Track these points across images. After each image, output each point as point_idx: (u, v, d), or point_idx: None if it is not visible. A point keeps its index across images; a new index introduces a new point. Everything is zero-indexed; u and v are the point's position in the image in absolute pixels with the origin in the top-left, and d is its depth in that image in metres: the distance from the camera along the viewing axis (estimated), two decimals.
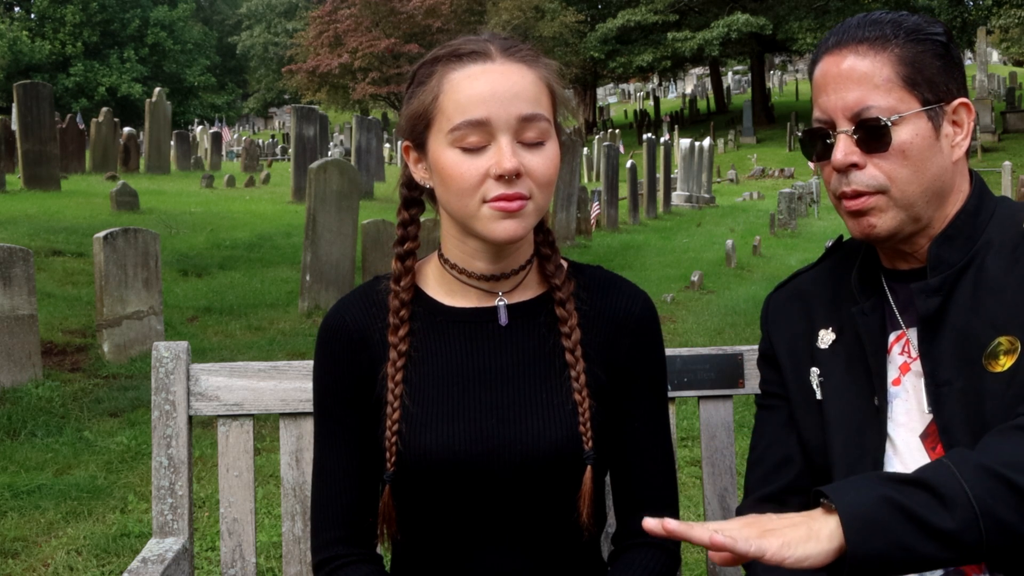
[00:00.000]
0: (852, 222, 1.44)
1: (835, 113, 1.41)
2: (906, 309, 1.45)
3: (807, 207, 20.41)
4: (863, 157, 1.40)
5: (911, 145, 1.38)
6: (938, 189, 1.41)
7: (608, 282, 1.54)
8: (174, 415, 1.78)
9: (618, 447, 1.51)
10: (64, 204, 13.15)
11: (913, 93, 1.39)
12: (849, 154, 1.39)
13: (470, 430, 1.42)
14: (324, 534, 1.49)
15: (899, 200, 1.40)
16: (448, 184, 1.39)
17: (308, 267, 8.25)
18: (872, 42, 1.40)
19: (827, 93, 1.42)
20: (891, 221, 1.40)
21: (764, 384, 1.62)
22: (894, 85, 1.39)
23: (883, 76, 1.39)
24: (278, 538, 3.65)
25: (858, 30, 1.42)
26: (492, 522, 1.44)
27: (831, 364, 1.49)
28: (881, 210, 1.40)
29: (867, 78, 1.39)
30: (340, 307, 1.52)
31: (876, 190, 1.40)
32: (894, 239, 1.43)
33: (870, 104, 1.38)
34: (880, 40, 1.40)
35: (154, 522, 1.77)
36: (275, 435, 4.72)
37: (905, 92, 1.39)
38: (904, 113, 1.38)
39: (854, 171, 1.40)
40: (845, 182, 1.41)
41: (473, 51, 1.39)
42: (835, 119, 1.41)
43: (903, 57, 1.39)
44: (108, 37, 58.69)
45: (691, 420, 4.75)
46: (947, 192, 1.43)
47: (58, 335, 6.88)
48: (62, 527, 4.00)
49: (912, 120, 1.39)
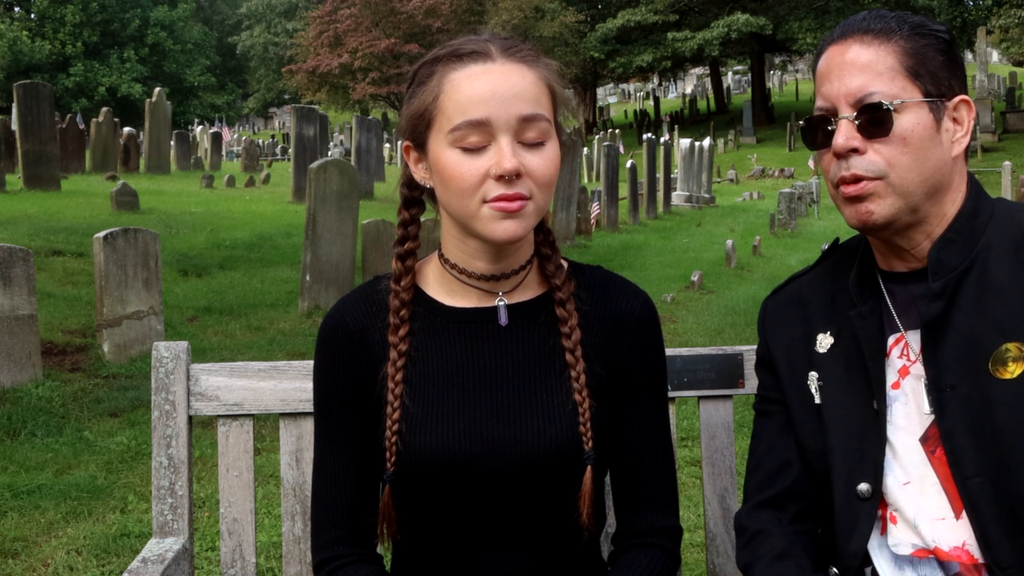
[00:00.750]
0: (849, 209, 1.43)
1: (837, 99, 1.41)
2: (905, 311, 1.45)
3: (807, 207, 20.42)
4: (864, 142, 1.39)
5: (912, 133, 1.38)
6: (936, 182, 1.41)
7: (608, 282, 1.54)
8: (174, 415, 1.78)
9: (618, 447, 1.51)
10: (64, 204, 13.14)
11: (916, 84, 1.39)
12: (850, 139, 1.39)
13: (470, 430, 1.42)
14: (324, 534, 1.49)
15: (898, 187, 1.39)
16: (448, 184, 1.39)
17: (308, 267, 8.25)
18: (877, 33, 1.41)
19: (830, 81, 1.43)
20: (889, 208, 1.40)
21: (762, 389, 1.62)
22: (897, 74, 1.39)
23: (887, 64, 1.40)
24: (278, 538, 3.65)
25: (864, 22, 1.44)
26: (492, 522, 1.44)
27: (829, 368, 1.49)
28: (879, 196, 1.40)
29: (870, 66, 1.40)
30: (340, 307, 1.52)
31: (875, 176, 1.39)
32: (890, 229, 1.42)
33: (873, 90, 1.39)
34: (885, 31, 1.41)
35: (154, 522, 1.77)
36: (275, 435, 4.72)
37: (908, 82, 1.39)
38: (906, 100, 1.38)
39: (854, 156, 1.40)
40: (845, 167, 1.41)
41: (473, 51, 1.39)
42: (837, 105, 1.42)
43: (907, 48, 1.40)
44: (108, 37, 58.69)
45: (691, 420, 4.75)
46: (945, 188, 1.43)
47: (58, 335, 6.88)
48: (62, 527, 4.00)
49: (914, 108, 1.39)
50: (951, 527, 1.37)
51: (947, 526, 1.38)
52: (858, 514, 1.42)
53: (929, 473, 1.39)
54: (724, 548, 1.80)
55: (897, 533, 1.41)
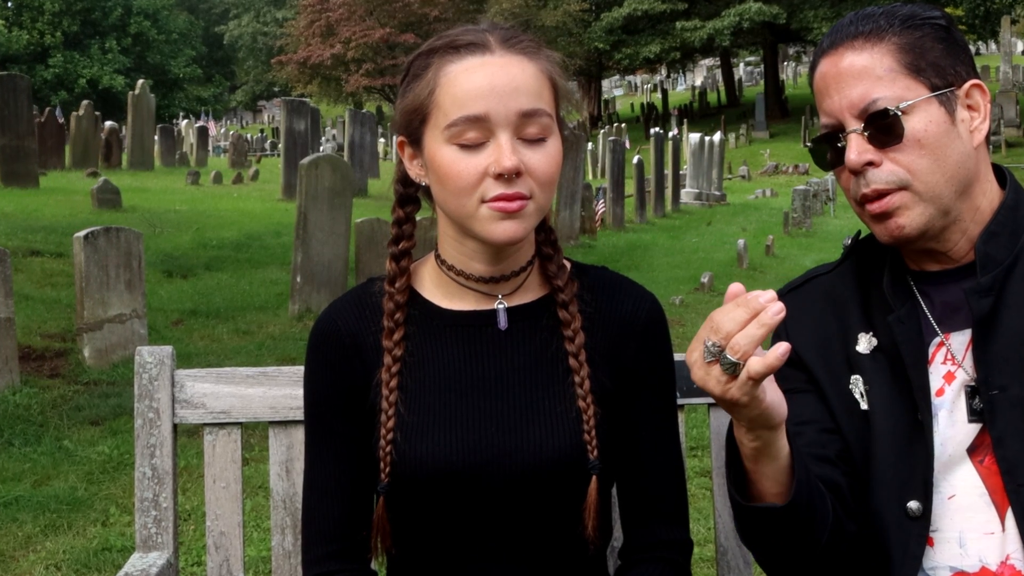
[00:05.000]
0: (878, 227, 1.41)
1: (841, 113, 1.40)
2: (944, 314, 1.42)
3: (823, 205, 20.42)
4: (878, 154, 1.38)
5: (926, 133, 1.36)
6: (963, 177, 1.39)
7: (613, 283, 1.54)
8: (158, 423, 1.78)
9: (625, 457, 1.51)
10: (42, 202, 13.15)
11: (919, 80, 1.38)
12: (863, 152, 1.38)
13: (468, 439, 1.42)
14: (316, 549, 1.49)
15: (924, 194, 1.37)
16: (445, 183, 1.39)
17: (299, 268, 8.25)
18: (868, 35, 1.40)
19: (830, 95, 1.41)
20: (920, 218, 1.38)
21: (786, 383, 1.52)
22: (897, 74, 1.37)
23: (885, 66, 1.38)
24: (267, 553, 3.65)
25: (851, 27, 1.42)
26: (492, 536, 1.44)
27: (873, 374, 1.45)
28: (907, 208, 1.38)
29: (868, 71, 1.38)
30: (332, 310, 1.53)
31: (898, 186, 1.37)
32: (925, 237, 1.40)
33: (876, 96, 1.37)
34: (876, 32, 1.40)
35: (137, 536, 1.77)
36: (264, 444, 4.71)
37: (910, 79, 1.37)
38: (912, 100, 1.37)
39: (871, 170, 1.38)
40: (864, 183, 1.39)
41: (471, 42, 1.39)
42: (842, 119, 1.40)
43: (902, 45, 1.38)
44: (89, 27, 58.74)
45: (701, 429, 4.75)
46: (973, 180, 1.41)
47: (36, 339, 6.89)
48: (40, 541, 4.01)
49: (922, 107, 1.37)
50: (999, 542, 1.35)
51: (995, 541, 1.35)
52: (908, 534, 1.39)
53: (978, 484, 1.37)
54: (735, 563, 1.80)
55: (935, 556, 1.39)
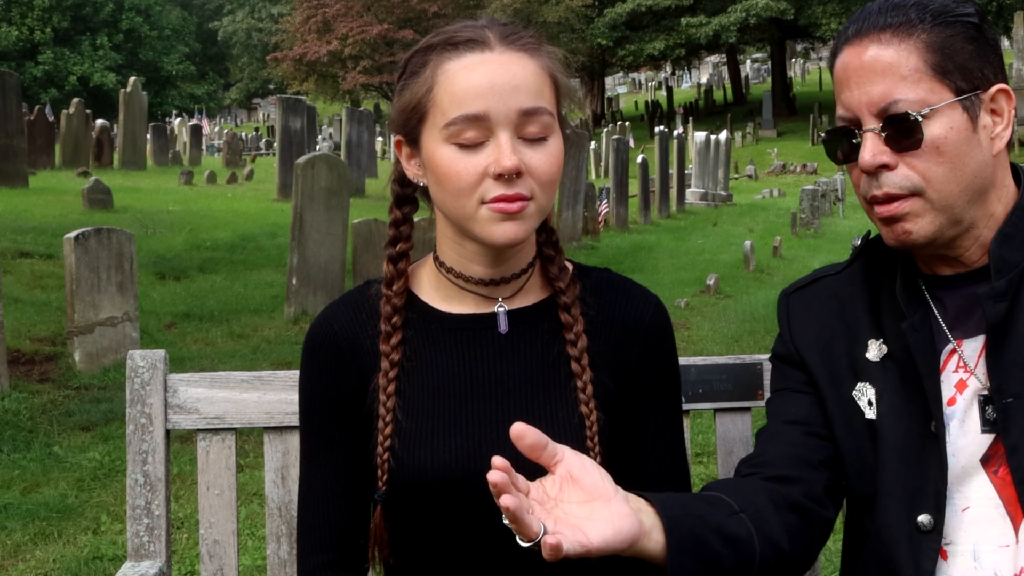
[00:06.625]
0: (886, 229, 1.40)
1: (860, 110, 1.37)
2: (955, 319, 1.42)
3: (831, 205, 20.41)
4: (893, 157, 1.36)
5: (946, 140, 1.34)
6: (979, 187, 1.37)
7: (617, 286, 1.54)
8: (150, 429, 1.78)
9: (629, 463, 1.50)
10: (32, 202, 13.17)
11: (944, 82, 1.35)
12: (878, 154, 1.36)
13: (468, 446, 1.42)
14: (311, 558, 1.49)
15: (936, 202, 1.36)
16: (443, 183, 1.39)
17: (294, 270, 8.26)
18: (896, 29, 1.36)
19: (850, 88, 1.38)
20: (929, 226, 1.37)
21: (784, 381, 1.56)
22: (923, 75, 1.34)
23: (910, 66, 1.35)
24: (262, 561, 3.65)
25: (879, 17, 1.38)
26: (492, 545, 1.43)
27: (883, 381, 1.44)
28: (917, 215, 1.36)
29: (892, 69, 1.35)
30: (328, 314, 1.53)
31: (910, 192, 1.36)
32: (934, 245, 1.39)
33: (898, 97, 1.34)
34: (905, 26, 1.36)
35: (129, 544, 1.78)
36: (259, 450, 4.72)
37: (936, 82, 1.34)
38: (936, 105, 1.34)
39: (885, 172, 1.36)
40: (876, 185, 1.38)
41: (470, 39, 1.39)
42: (860, 116, 1.38)
43: (931, 43, 1.35)
44: (79, 22, 58.77)
45: (707, 435, 4.74)
46: (988, 189, 1.39)
47: (26, 343, 6.89)
48: (30, 549, 4.01)
49: (945, 112, 1.34)
50: (1013, 554, 1.34)
51: (1010, 553, 1.34)
52: (919, 549, 1.37)
53: (992, 496, 1.36)
54: None
55: (949, 569, 1.37)
